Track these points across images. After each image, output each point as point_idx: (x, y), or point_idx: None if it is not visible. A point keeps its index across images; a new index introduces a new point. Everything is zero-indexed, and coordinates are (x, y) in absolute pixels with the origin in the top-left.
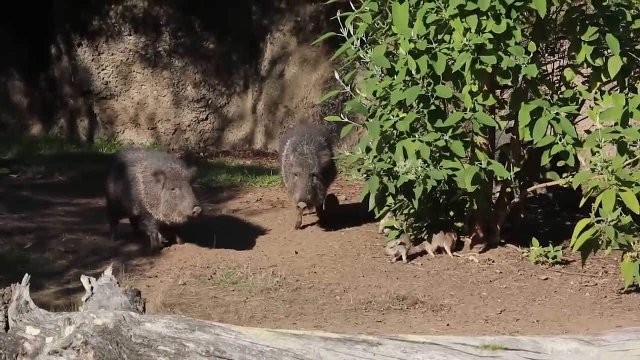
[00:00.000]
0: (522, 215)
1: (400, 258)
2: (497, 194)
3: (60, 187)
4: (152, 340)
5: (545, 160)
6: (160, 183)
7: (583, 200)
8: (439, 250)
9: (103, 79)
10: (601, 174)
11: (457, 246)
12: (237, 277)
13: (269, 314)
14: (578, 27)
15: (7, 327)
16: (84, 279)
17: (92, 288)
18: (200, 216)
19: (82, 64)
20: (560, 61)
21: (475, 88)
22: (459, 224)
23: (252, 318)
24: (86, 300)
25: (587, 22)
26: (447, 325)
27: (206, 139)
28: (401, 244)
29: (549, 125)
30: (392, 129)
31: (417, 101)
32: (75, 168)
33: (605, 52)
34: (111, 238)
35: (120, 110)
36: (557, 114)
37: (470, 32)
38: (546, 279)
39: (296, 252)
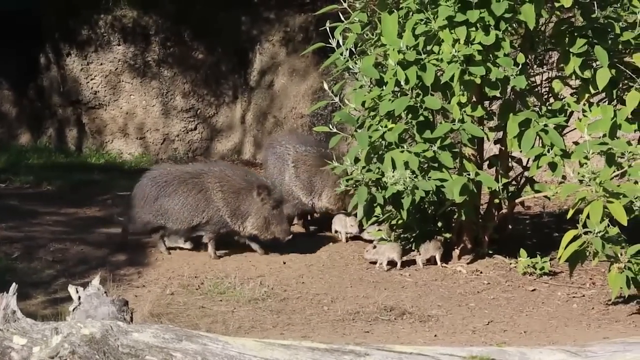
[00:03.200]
0: (510, 227)
1: (382, 264)
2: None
3: (49, 197)
4: (139, 350)
5: (533, 171)
6: (260, 199)
7: (571, 212)
8: (428, 260)
9: (92, 88)
10: (589, 185)
11: (445, 257)
12: (224, 287)
13: (256, 324)
14: (567, 39)
15: None
16: (71, 289)
17: (79, 298)
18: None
19: (71, 73)
20: (549, 73)
21: (463, 99)
22: (447, 235)
23: (240, 328)
24: (73, 310)
25: (575, 34)
26: (435, 336)
27: (195, 149)
28: (380, 252)
29: (538, 137)
30: (380, 140)
31: (405, 112)
32: (63, 178)
33: (594, 64)
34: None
35: (109, 120)
36: (545, 125)
37: (459, 43)
38: (534, 290)
39: (284, 263)
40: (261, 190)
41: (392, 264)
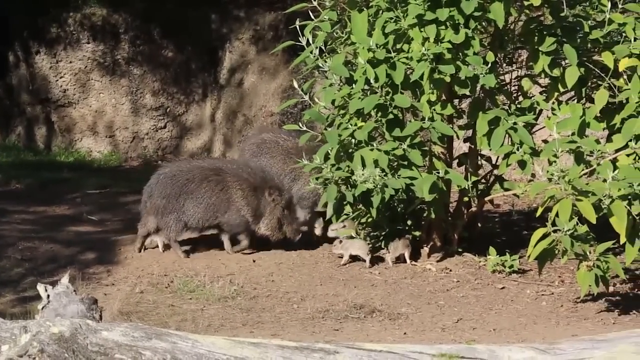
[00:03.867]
0: (479, 225)
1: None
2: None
3: (17, 195)
4: (108, 348)
5: (503, 169)
6: (272, 199)
7: (540, 210)
8: (397, 258)
9: (61, 86)
10: (558, 183)
11: (415, 255)
12: (194, 285)
13: (226, 322)
14: (536, 38)
15: None
16: (40, 287)
17: (48, 296)
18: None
19: (40, 71)
20: (518, 71)
21: (433, 97)
22: (417, 233)
23: (209, 326)
24: (42, 309)
25: (545, 32)
26: (404, 333)
27: (164, 147)
28: (345, 247)
29: (507, 135)
30: (350, 138)
31: (375, 110)
32: (32, 176)
33: (563, 63)
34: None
35: (78, 118)
36: (514, 123)
37: (429, 41)
38: (503, 288)
39: (254, 261)
40: (272, 191)
41: (356, 259)
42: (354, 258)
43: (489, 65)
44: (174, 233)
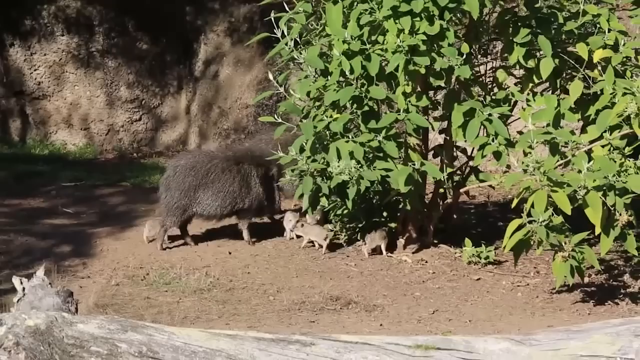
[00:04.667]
0: (455, 216)
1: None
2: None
3: None
4: (84, 341)
5: (478, 160)
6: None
7: (515, 201)
8: (373, 250)
9: (35, 79)
10: (533, 174)
11: (391, 247)
12: (170, 277)
13: (202, 314)
14: (510, 29)
15: None
16: (15, 280)
17: (24, 289)
18: None
19: (15, 64)
20: (493, 62)
21: (408, 89)
22: (393, 225)
23: (185, 318)
24: (18, 301)
25: (519, 24)
26: (380, 325)
27: (140, 140)
28: (305, 232)
29: (482, 126)
30: (325, 130)
31: (350, 102)
32: (7, 169)
33: (538, 54)
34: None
35: (53, 111)
36: (489, 115)
37: (404, 33)
38: (479, 279)
39: (230, 253)
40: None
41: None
42: (332, 249)
43: (464, 56)
44: (172, 223)
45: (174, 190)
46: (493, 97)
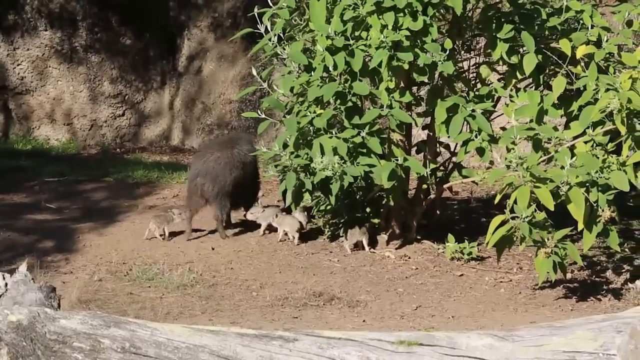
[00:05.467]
0: (438, 212)
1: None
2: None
3: None
4: (67, 336)
5: (461, 156)
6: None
7: (498, 197)
8: (355, 245)
9: (18, 74)
10: (516, 170)
11: (374, 242)
12: (153, 273)
13: (185, 310)
14: (494, 25)
15: None
16: None
17: (6, 284)
18: None
19: None
20: (476, 58)
21: (392, 85)
22: (376, 220)
23: (168, 314)
24: (0, 297)
25: (502, 19)
26: (363, 321)
27: (123, 135)
28: (279, 221)
29: (465, 122)
30: (309, 126)
31: (334, 98)
32: None
33: (521, 50)
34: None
35: (36, 106)
36: (473, 110)
37: (387, 29)
38: (461, 275)
39: (213, 249)
40: None
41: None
42: (310, 240)
43: (447, 52)
44: (225, 213)
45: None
46: (476, 93)
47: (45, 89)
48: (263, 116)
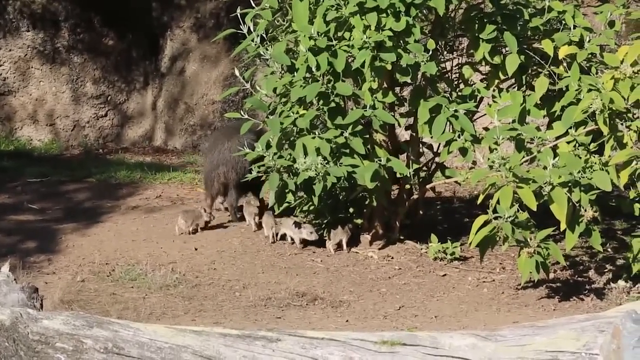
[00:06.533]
0: (421, 212)
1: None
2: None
3: None
4: (49, 337)
5: (444, 156)
6: None
7: (481, 197)
8: (339, 245)
9: (1, 75)
10: (499, 170)
11: (356, 242)
12: (136, 273)
13: (168, 310)
14: (476, 25)
15: None
16: None
17: None
18: None
19: None
20: (459, 59)
21: (375, 85)
22: (359, 221)
23: (151, 315)
24: None
25: (485, 20)
26: (346, 321)
27: (105, 136)
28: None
29: (448, 123)
30: (292, 126)
31: (317, 98)
32: None
33: (503, 50)
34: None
35: (19, 107)
36: (455, 111)
37: (370, 29)
38: (444, 275)
39: (196, 249)
40: None
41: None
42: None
43: (430, 52)
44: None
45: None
46: (459, 94)
47: (28, 90)
48: (246, 117)
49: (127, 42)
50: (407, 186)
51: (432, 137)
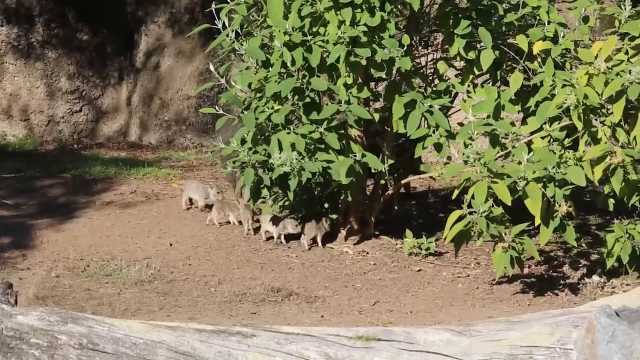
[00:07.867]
0: (396, 207)
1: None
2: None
3: None
4: (24, 333)
5: (419, 152)
6: None
7: (456, 192)
8: (313, 240)
9: None
10: (474, 166)
11: (331, 238)
12: (110, 269)
13: (143, 306)
14: (451, 21)
15: None
16: None
17: None
18: None
19: None
20: (433, 54)
21: (349, 80)
22: (334, 216)
23: (126, 310)
24: None
25: (460, 15)
26: (322, 316)
27: (80, 131)
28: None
29: (423, 118)
30: (267, 121)
31: (292, 93)
32: None
33: (478, 46)
34: None
35: None
36: (430, 106)
37: (345, 24)
38: (419, 270)
39: (171, 244)
40: None
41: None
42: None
43: (405, 48)
44: None
45: None
46: (434, 89)
47: (2, 85)
48: (221, 112)
49: (102, 37)
50: (382, 181)
51: (406, 133)
